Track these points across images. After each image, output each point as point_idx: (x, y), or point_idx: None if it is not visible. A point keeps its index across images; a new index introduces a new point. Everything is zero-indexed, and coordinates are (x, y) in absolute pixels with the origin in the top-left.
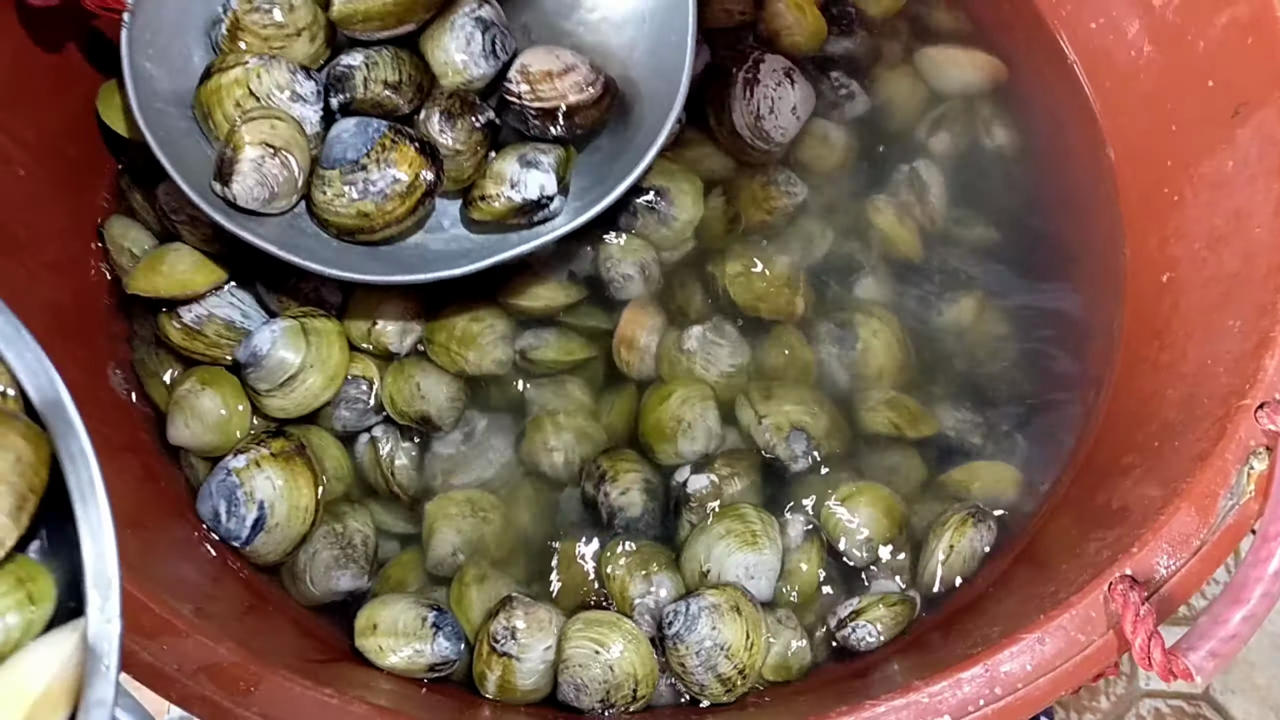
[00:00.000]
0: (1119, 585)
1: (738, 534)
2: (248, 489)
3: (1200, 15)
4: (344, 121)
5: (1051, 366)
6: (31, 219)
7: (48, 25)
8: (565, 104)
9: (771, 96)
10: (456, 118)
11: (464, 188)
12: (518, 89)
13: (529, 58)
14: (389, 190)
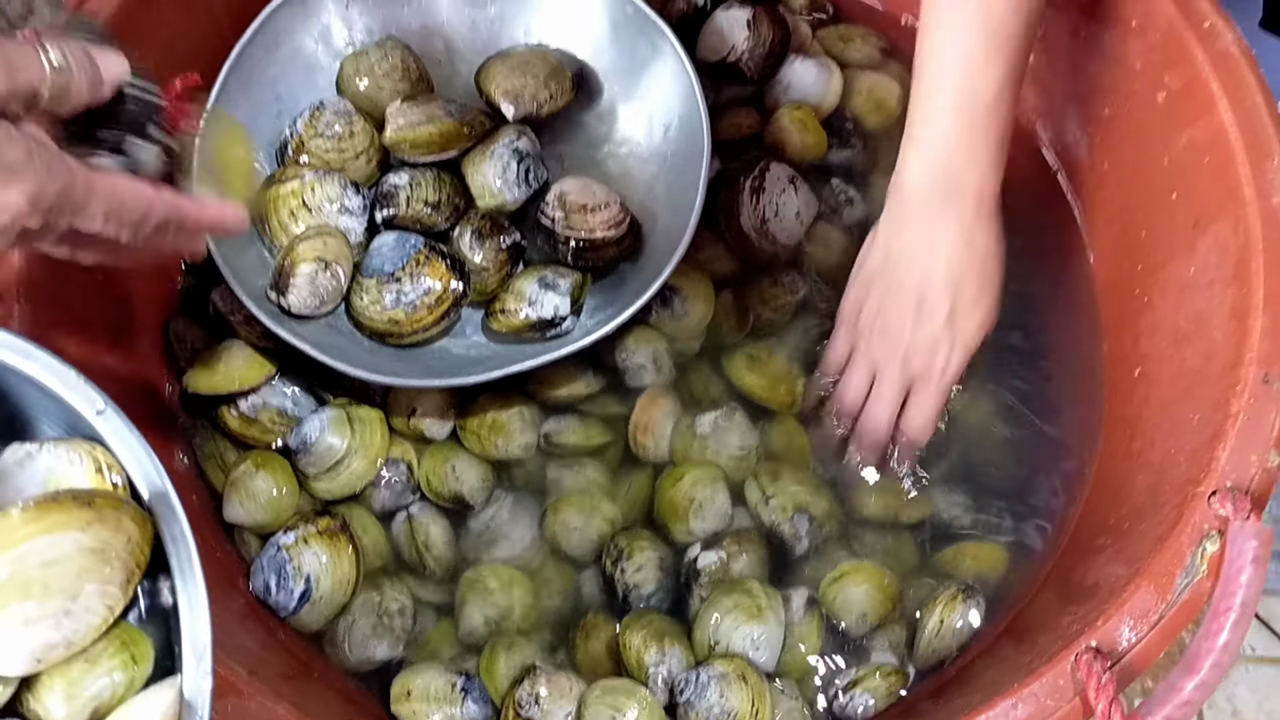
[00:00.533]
0: (1084, 656)
1: (744, 607)
2: (296, 564)
3: (1165, 134)
4: (385, 235)
5: (1039, 454)
6: (108, 317)
7: None
8: (592, 239)
9: (776, 202)
10: (486, 238)
11: (487, 299)
12: (553, 213)
13: (569, 185)
14: (419, 301)
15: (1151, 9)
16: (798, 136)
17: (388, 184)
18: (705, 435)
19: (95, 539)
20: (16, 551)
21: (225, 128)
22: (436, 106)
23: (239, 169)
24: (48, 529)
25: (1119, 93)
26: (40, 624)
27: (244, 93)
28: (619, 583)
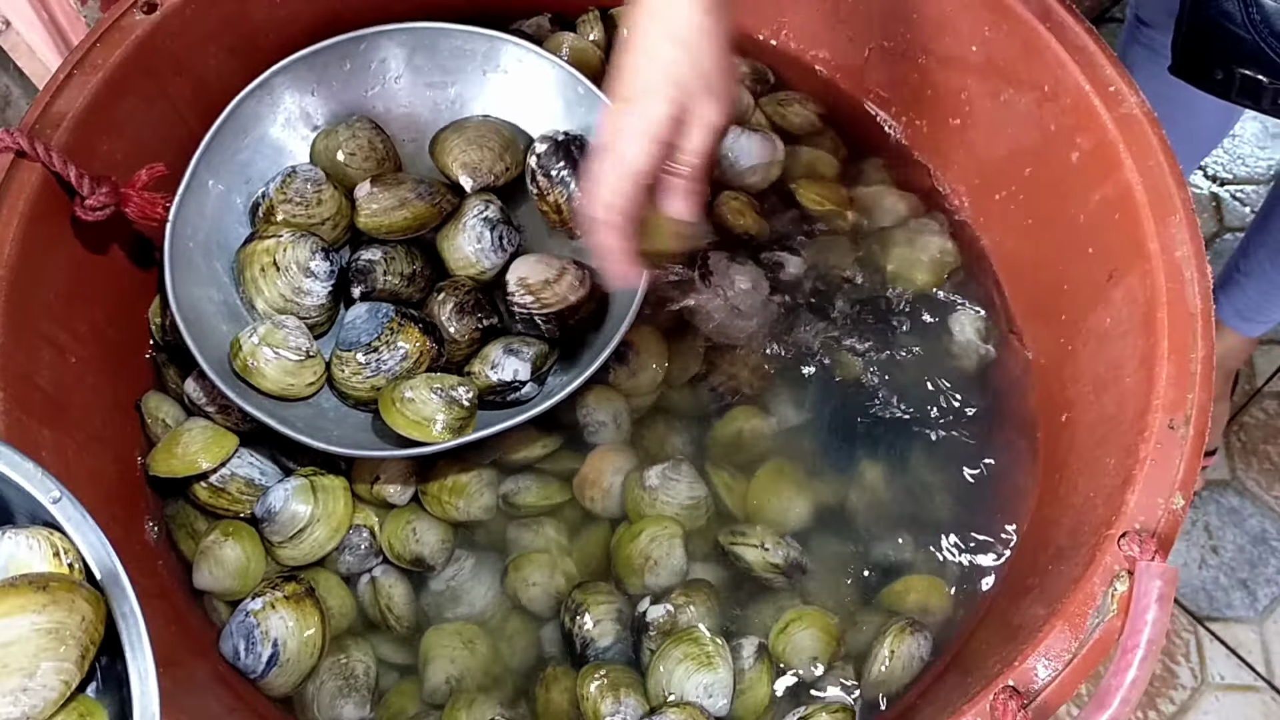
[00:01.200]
0: (1000, 695)
1: (694, 657)
2: (264, 629)
3: (1080, 191)
4: (357, 308)
5: (983, 497)
6: (81, 398)
7: (97, 233)
8: (567, 305)
9: (731, 278)
10: (466, 314)
11: (454, 365)
12: (522, 299)
13: (523, 269)
14: (395, 367)
15: (1062, 75)
16: (739, 220)
17: (362, 260)
18: (654, 487)
19: (50, 620)
20: None
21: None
22: (407, 189)
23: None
24: (5, 613)
25: (1037, 154)
26: (1, 701)
27: (215, 177)
28: (577, 636)
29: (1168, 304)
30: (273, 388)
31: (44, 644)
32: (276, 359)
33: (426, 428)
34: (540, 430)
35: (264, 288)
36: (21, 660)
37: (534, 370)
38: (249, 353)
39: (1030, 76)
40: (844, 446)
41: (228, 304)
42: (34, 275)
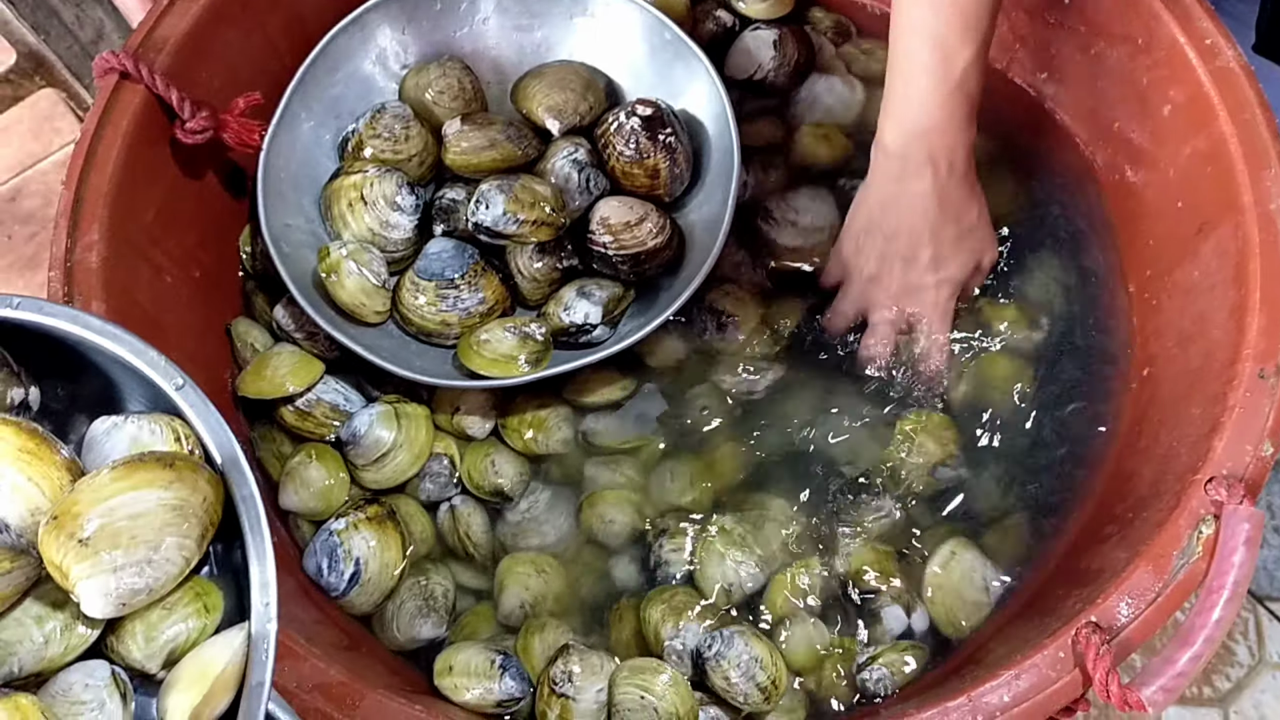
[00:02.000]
0: (1084, 630)
1: (730, 543)
2: (346, 548)
3: (1170, 146)
4: (443, 240)
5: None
6: (176, 318)
7: (193, 157)
8: (644, 249)
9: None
10: (547, 255)
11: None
12: (602, 239)
13: (606, 210)
14: (473, 309)
15: (1156, 27)
16: (822, 148)
17: (447, 198)
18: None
19: (175, 496)
20: (106, 505)
21: None
22: (496, 131)
23: None
24: (134, 486)
25: (1127, 106)
26: (126, 571)
27: (307, 110)
28: (654, 554)
29: (1260, 255)
30: (348, 300)
31: (169, 519)
32: (359, 275)
33: (505, 364)
34: (618, 373)
35: (351, 221)
36: (148, 533)
37: (605, 314)
38: (334, 262)
39: (1124, 29)
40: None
41: (315, 235)
42: (134, 194)
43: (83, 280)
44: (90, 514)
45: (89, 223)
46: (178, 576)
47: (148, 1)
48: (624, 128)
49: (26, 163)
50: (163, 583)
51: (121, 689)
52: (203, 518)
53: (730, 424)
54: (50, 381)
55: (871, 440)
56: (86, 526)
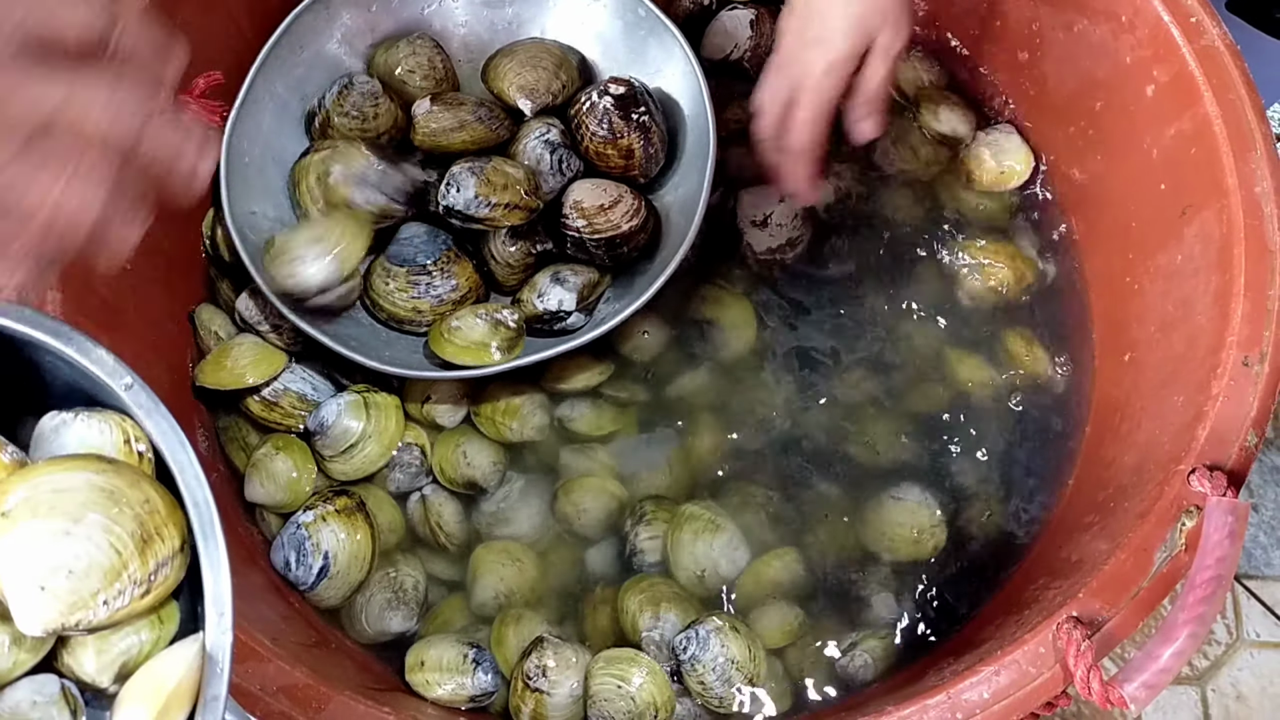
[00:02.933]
0: (1064, 625)
1: (701, 528)
2: (315, 541)
3: (1154, 126)
4: (415, 226)
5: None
6: (136, 306)
7: None
8: (619, 232)
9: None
10: (520, 239)
11: (507, 292)
12: (575, 223)
13: (579, 193)
14: (445, 296)
15: (1141, 5)
16: None
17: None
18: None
19: (108, 482)
20: (32, 481)
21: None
22: (467, 111)
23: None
24: (64, 468)
25: (1110, 86)
26: (41, 540)
27: (271, 92)
28: (629, 543)
29: (1245, 240)
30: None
31: (95, 498)
32: None
33: (477, 351)
34: (594, 358)
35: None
36: (70, 506)
37: (580, 300)
38: None
39: (1106, 7)
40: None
41: (283, 221)
42: None
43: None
44: (16, 490)
45: None
46: (108, 570)
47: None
48: (597, 107)
49: None
50: (85, 565)
51: (71, 705)
52: (140, 515)
53: (708, 409)
54: None
55: (850, 423)
56: (9, 500)
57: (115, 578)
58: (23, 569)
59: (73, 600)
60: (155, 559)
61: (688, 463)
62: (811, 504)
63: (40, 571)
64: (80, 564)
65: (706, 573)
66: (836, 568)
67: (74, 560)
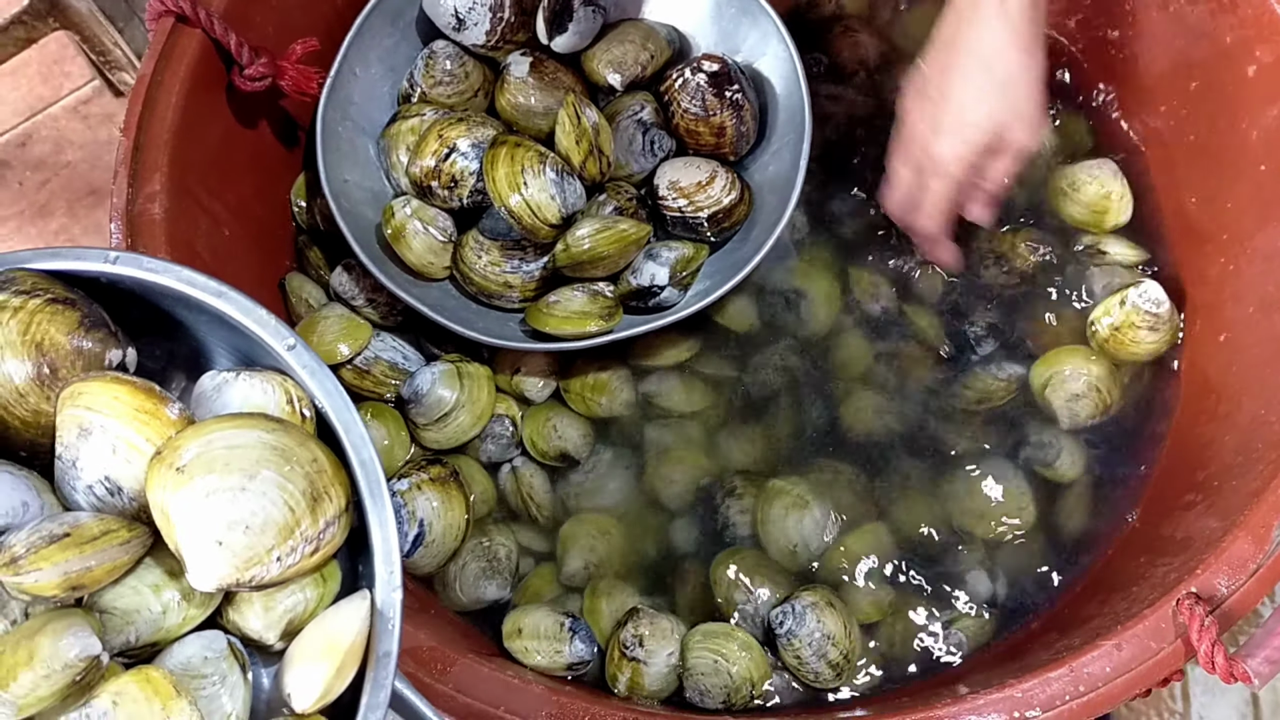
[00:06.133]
0: (1186, 601)
1: (791, 504)
2: (410, 508)
3: (1254, 107)
4: None
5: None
6: (233, 270)
7: (247, 105)
8: (721, 208)
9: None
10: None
11: None
12: (676, 203)
13: (674, 173)
14: (537, 273)
15: None
16: None
17: None
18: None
19: (278, 440)
20: (205, 438)
21: None
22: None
23: None
24: (235, 425)
25: (1207, 66)
26: (219, 496)
27: (362, 63)
28: (720, 515)
29: None
30: (416, 261)
31: (267, 455)
32: (425, 234)
33: (579, 320)
34: (683, 334)
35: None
36: (244, 462)
37: (673, 276)
38: (400, 223)
39: None
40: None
41: (373, 191)
42: (193, 144)
43: (146, 232)
44: (189, 445)
45: (150, 172)
46: (283, 527)
47: None
48: (689, 84)
49: (36, 107)
50: (261, 521)
51: (240, 661)
52: (309, 474)
53: (795, 386)
54: (144, 340)
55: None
56: (184, 455)
57: (289, 535)
58: (199, 524)
59: (249, 556)
60: (324, 517)
61: (773, 438)
62: (898, 480)
63: (217, 527)
64: (257, 520)
65: (798, 547)
66: (926, 543)
67: (250, 516)
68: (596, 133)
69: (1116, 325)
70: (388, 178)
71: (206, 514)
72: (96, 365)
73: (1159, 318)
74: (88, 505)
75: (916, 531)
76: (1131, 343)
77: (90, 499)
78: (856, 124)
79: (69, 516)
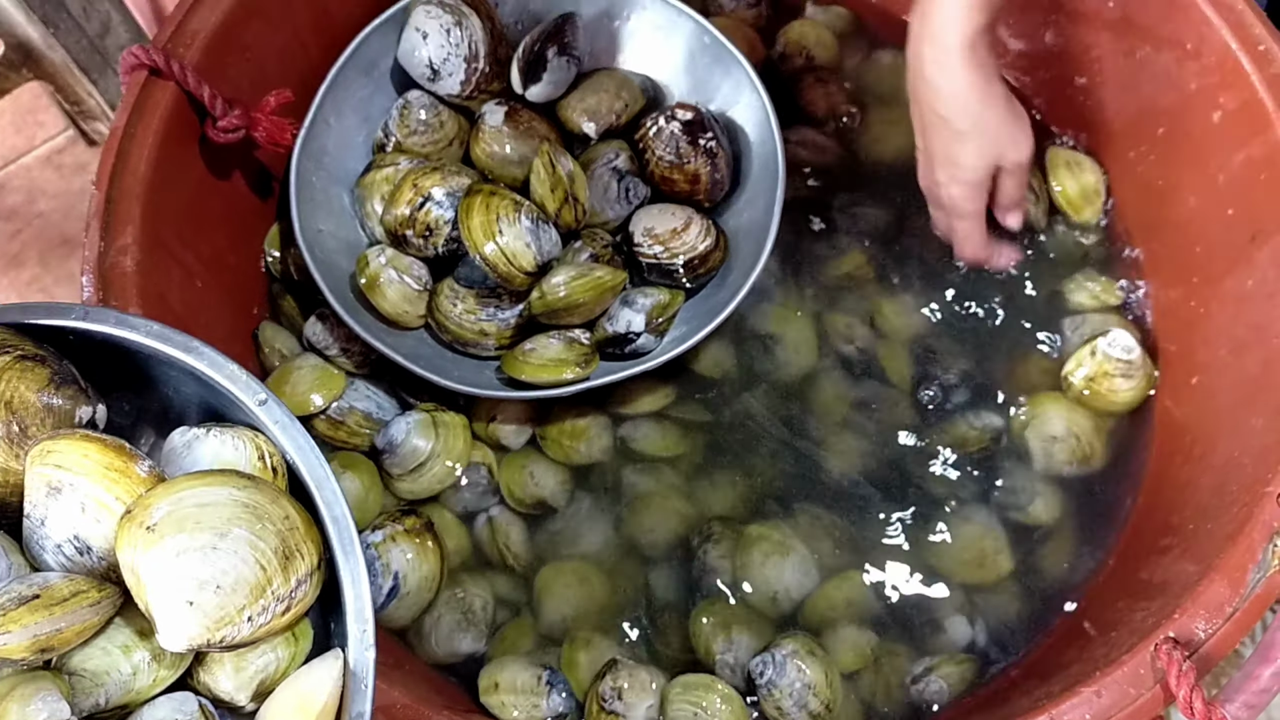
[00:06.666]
0: (1164, 646)
1: (771, 549)
2: (384, 561)
3: (1221, 152)
4: None
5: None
6: (205, 322)
7: (221, 156)
8: (697, 254)
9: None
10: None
11: None
12: (652, 250)
13: (649, 220)
14: (512, 321)
15: (1207, 33)
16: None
17: None
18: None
19: (249, 497)
20: (175, 496)
21: None
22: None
23: None
24: (206, 483)
25: (1173, 113)
26: (189, 556)
27: (336, 113)
28: (699, 561)
29: None
30: (391, 310)
31: (238, 513)
32: (400, 282)
33: (555, 368)
34: (660, 380)
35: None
36: (214, 520)
37: (649, 322)
38: (375, 271)
39: (1170, 34)
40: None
41: (348, 241)
42: (165, 195)
43: (118, 284)
44: (160, 503)
45: (122, 224)
46: (254, 586)
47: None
48: (664, 132)
49: (9, 157)
50: (232, 580)
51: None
52: (281, 531)
53: (773, 431)
54: (114, 395)
55: (914, 450)
56: (154, 514)
57: (260, 594)
58: (170, 584)
59: (220, 616)
60: (296, 575)
61: (751, 483)
62: (877, 525)
63: (188, 586)
64: (228, 579)
65: (778, 595)
66: (906, 589)
67: (221, 575)
68: (571, 181)
69: (1091, 376)
70: (362, 227)
71: (177, 573)
72: (66, 422)
73: (1131, 364)
74: (57, 565)
75: (896, 577)
76: (1109, 392)
77: (59, 558)
78: (829, 169)
79: (38, 577)
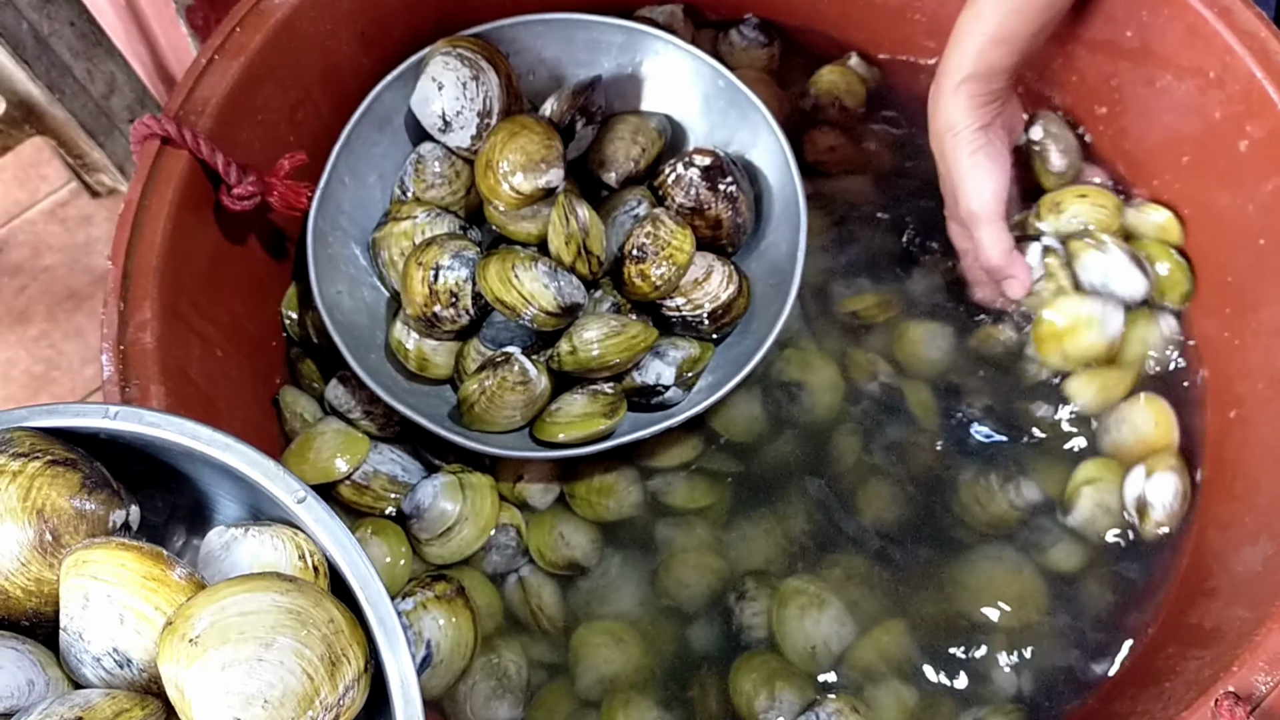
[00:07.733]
0: (1225, 701)
1: (807, 603)
2: (416, 629)
3: (1249, 181)
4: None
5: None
6: (226, 392)
7: (235, 222)
8: (720, 304)
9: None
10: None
11: None
12: (674, 303)
13: None
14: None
15: (1230, 61)
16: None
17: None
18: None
19: (292, 602)
20: (218, 604)
21: None
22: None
23: None
24: (248, 589)
25: (1198, 142)
26: (235, 670)
27: (351, 172)
28: (735, 619)
29: None
30: (414, 358)
31: (282, 619)
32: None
33: (583, 423)
34: (688, 432)
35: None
36: (259, 630)
37: (679, 375)
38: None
39: (1192, 63)
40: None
41: (367, 301)
42: (182, 267)
43: (138, 362)
44: (202, 614)
45: (140, 300)
46: (302, 698)
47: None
48: (683, 178)
49: (13, 212)
50: (280, 694)
51: None
52: (327, 636)
53: (802, 479)
54: (145, 493)
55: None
56: (197, 625)
57: (309, 705)
58: (216, 699)
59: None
60: (344, 681)
61: (785, 529)
62: (914, 572)
63: (235, 703)
64: (275, 693)
65: (817, 649)
66: (947, 638)
67: (269, 689)
68: (585, 234)
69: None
70: (381, 280)
71: (223, 689)
72: (100, 527)
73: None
74: (96, 678)
75: (936, 625)
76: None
77: (99, 672)
78: (851, 209)
79: (79, 697)
